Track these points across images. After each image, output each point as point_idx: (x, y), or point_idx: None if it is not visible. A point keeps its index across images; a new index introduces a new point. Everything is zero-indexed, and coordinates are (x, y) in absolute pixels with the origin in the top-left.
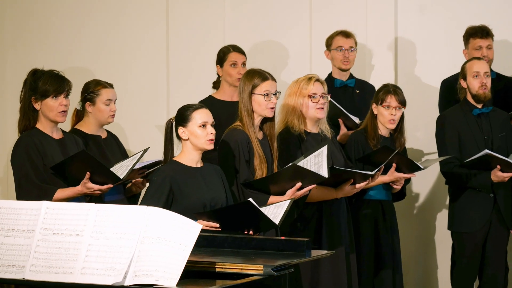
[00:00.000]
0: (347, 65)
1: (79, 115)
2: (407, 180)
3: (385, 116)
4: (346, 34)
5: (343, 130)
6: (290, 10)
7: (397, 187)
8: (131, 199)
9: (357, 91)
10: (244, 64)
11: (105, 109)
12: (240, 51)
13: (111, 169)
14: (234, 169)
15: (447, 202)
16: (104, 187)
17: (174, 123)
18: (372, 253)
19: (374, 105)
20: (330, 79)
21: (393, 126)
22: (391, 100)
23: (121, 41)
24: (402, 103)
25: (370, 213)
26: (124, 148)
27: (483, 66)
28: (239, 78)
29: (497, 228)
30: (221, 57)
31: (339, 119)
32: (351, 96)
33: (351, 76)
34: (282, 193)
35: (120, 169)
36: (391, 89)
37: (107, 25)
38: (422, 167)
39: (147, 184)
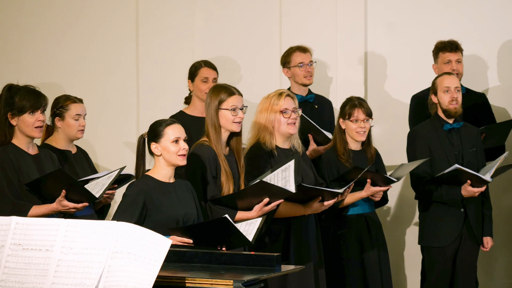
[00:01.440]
0: (310, 80)
1: (49, 130)
2: None
3: (353, 130)
4: (304, 49)
5: (313, 145)
6: (260, 27)
7: (377, 198)
8: (99, 213)
9: (316, 106)
10: (215, 80)
11: (74, 124)
12: (212, 67)
13: (86, 186)
14: (201, 185)
15: (417, 216)
16: (80, 205)
17: (146, 139)
18: (359, 269)
19: (341, 120)
20: None
21: (363, 138)
22: (359, 114)
23: (92, 57)
24: (369, 114)
25: (354, 230)
26: (93, 164)
27: (453, 81)
28: None
29: (467, 243)
30: (193, 72)
31: (309, 135)
32: (310, 111)
33: (309, 91)
34: (250, 208)
35: (96, 187)
36: (357, 103)
37: (78, 41)
38: (396, 180)
39: (115, 192)
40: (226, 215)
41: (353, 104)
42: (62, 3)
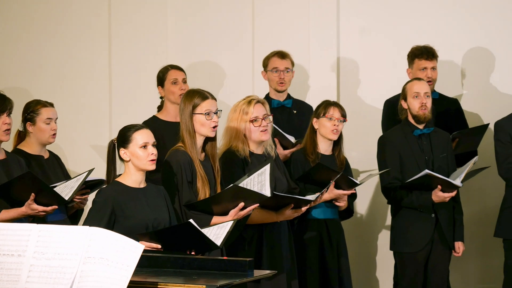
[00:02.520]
0: (282, 87)
1: (22, 136)
2: (354, 197)
3: (327, 127)
4: (282, 55)
5: (279, 149)
6: (233, 31)
7: (341, 204)
8: (73, 218)
9: (295, 111)
10: (184, 81)
11: (45, 128)
12: (179, 68)
13: (55, 189)
14: (177, 190)
15: (389, 222)
16: (49, 208)
17: (116, 144)
18: (317, 272)
19: (314, 120)
20: (267, 100)
21: (335, 137)
22: (334, 112)
23: (63, 61)
24: (344, 115)
25: (315, 235)
26: (66, 169)
27: (423, 87)
28: (182, 95)
29: (439, 248)
30: (161, 77)
31: (275, 139)
32: (288, 116)
33: (288, 96)
34: (225, 213)
35: (65, 190)
36: (332, 102)
37: (49, 45)
38: (359, 183)
39: (88, 197)
40: (191, 220)
41: (329, 103)
42: (34, 7)
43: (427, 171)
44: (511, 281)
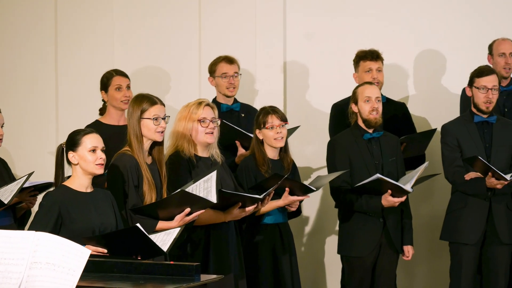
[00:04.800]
0: (232, 92)
1: None
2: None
3: (271, 137)
4: (230, 60)
5: (241, 151)
6: (179, 36)
7: (293, 209)
8: (20, 222)
9: (243, 115)
10: (128, 87)
11: None
12: (124, 75)
13: None
14: (122, 194)
15: (337, 226)
16: None
17: (65, 148)
18: (271, 275)
19: (257, 131)
20: (215, 104)
21: (281, 144)
22: (273, 120)
23: (10, 65)
24: (284, 119)
25: (268, 238)
26: (12, 173)
27: (374, 91)
28: (125, 101)
29: (386, 252)
30: (105, 82)
31: (236, 142)
32: (237, 120)
33: (235, 100)
34: (171, 218)
35: (4, 194)
36: (269, 110)
37: None
38: (315, 189)
39: (37, 198)
40: (138, 224)
41: (266, 111)
42: None
43: (378, 175)
44: (457, 284)
